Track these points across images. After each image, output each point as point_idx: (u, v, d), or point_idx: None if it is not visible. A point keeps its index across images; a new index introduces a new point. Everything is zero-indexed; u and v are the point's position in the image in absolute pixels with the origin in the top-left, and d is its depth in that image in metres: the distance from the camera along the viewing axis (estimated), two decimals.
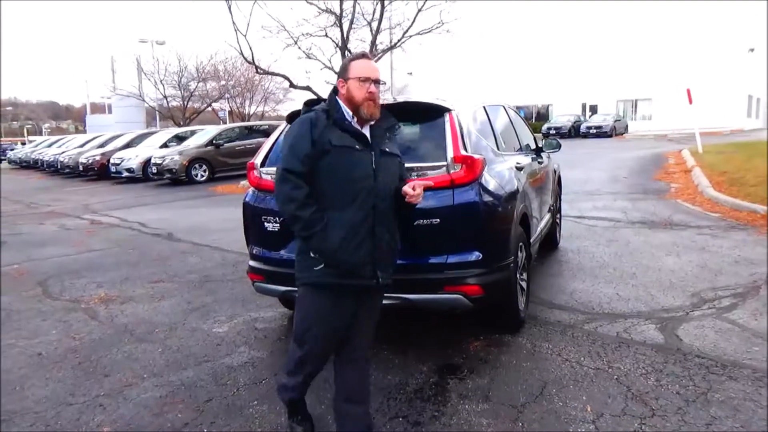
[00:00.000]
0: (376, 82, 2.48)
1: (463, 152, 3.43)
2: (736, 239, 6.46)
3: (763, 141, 20.56)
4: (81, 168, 20.65)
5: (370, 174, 2.43)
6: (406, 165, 3.37)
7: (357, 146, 2.43)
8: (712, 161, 13.58)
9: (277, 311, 4.63)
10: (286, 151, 2.43)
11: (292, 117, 4.00)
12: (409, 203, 2.48)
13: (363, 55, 2.60)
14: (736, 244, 6.21)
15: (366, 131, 2.51)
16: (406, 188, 2.46)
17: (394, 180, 2.56)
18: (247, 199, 3.96)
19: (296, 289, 3.09)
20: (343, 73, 2.53)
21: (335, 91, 2.55)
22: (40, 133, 66.65)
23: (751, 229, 6.93)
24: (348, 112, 2.48)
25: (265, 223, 3.73)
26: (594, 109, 42.62)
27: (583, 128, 34.92)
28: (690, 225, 7.37)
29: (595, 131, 33.94)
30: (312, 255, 2.41)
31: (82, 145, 23.82)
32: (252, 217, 3.89)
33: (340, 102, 2.50)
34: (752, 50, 38.81)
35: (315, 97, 2.84)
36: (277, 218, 3.64)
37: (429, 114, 3.66)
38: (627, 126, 38.14)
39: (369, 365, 2.78)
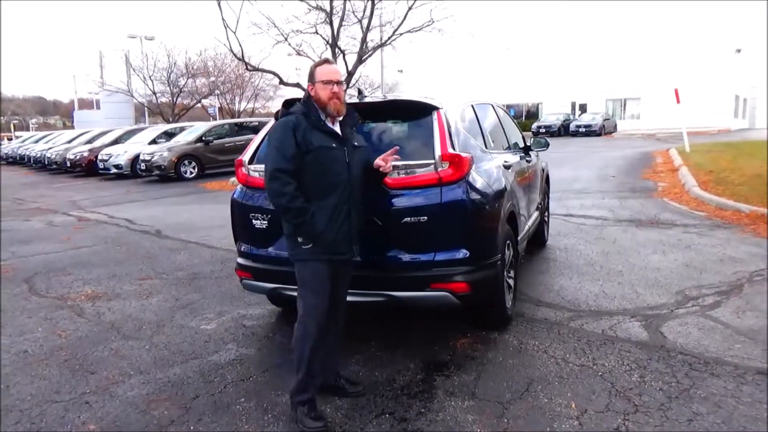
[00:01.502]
0: (338, 83, 2.90)
1: (450, 150, 3.45)
2: (721, 238, 6.54)
3: (749, 141, 20.79)
4: (68, 164, 20.46)
5: (345, 167, 2.88)
6: (395, 163, 3.42)
7: (333, 144, 2.86)
8: (699, 160, 13.73)
9: (266, 308, 4.63)
10: (274, 152, 2.80)
11: (288, 104, 3.99)
12: (383, 173, 3.10)
13: (326, 61, 3.03)
14: (720, 243, 6.29)
15: (337, 127, 2.93)
16: (378, 161, 3.06)
17: (362, 168, 3.02)
18: (235, 196, 3.96)
19: (285, 286, 3.28)
20: (311, 79, 2.92)
21: (309, 95, 2.92)
22: (27, 129, 66.02)
23: (735, 228, 7.01)
24: (322, 113, 2.88)
25: (254, 221, 3.73)
26: (583, 108, 42.86)
27: (572, 127, 35.13)
28: (676, 223, 7.44)
29: (584, 130, 34.16)
30: (300, 239, 2.83)
31: (70, 141, 23.61)
32: (240, 214, 3.88)
33: (316, 105, 2.89)
34: (739, 51, 39.22)
35: (294, 97, 3.11)
36: (266, 215, 3.64)
37: (417, 112, 3.67)
38: (616, 125, 38.42)
39: (344, 326, 3.20)
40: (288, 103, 3.09)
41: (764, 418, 2.77)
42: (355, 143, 3.01)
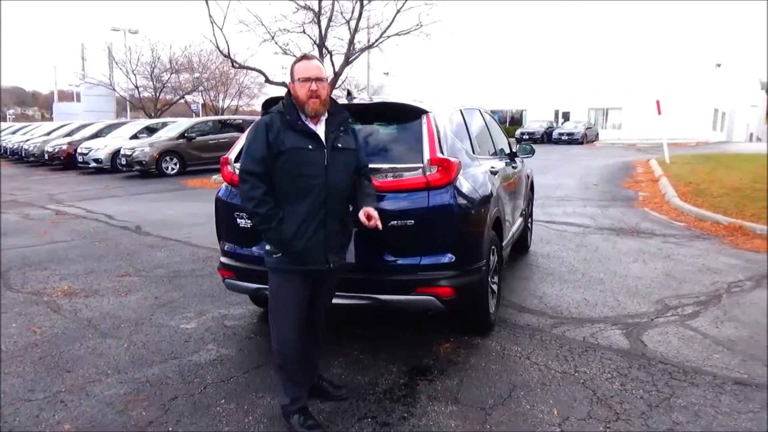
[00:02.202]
0: (318, 80, 2.68)
1: (439, 155, 3.44)
2: (700, 248, 6.64)
3: (727, 153, 21.19)
4: (46, 157, 20.07)
5: (322, 171, 2.67)
6: (382, 165, 3.41)
7: (310, 146, 2.66)
8: (679, 172, 13.94)
9: (247, 308, 4.58)
10: (244, 153, 2.70)
11: (267, 105, 3.96)
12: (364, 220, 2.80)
13: (304, 57, 2.80)
14: (699, 253, 6.38)
15: (321, 127, 2.73)
16: (363, 219, 2.76)
17: (347, 173, 2.81)
18: (219, 194, 3.90)
19: (267, 286, 3.21)
20: (291, 77, 2.75)
21: (289, 94, 2.76)
22: (5, 120, 64.63)
23: (714, 239, 7.12)
24: (302, 113, 2.70)
25: (238, 219, 3.68)
26: (566, 116, 43.33)
27: (555, 134, 35.47)
28: (656, 233, 7.54)
29: (566, 138, 34.50)
30: (268, 248, 2.72)
31: (49, 134, 23.16)
32: (224, 212, 3.83)
33: (295, 104, 2.71)
34: (719, 65, 39.96)
35: (274, 96, 3.00)
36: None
37: (406, 115, 3.66)
38: (598, 134, 38.89)
39: (328, 326, 3.12)
40: (267, 103, 2.96)
41: (743, 429, 2.81)
42: (339, 144, 2.75)
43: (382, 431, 2.81)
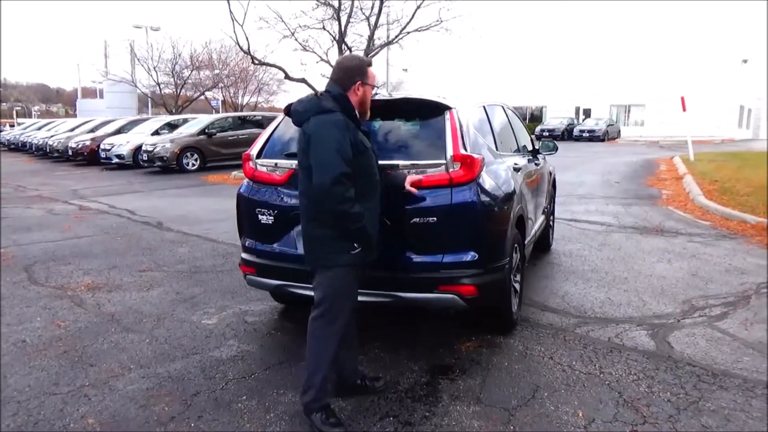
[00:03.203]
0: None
1: (462, 151, 3.39)
2: (727, 248, 6.49)
3: (754, 151, 20.75)
4: (70, 152, 20.38)
5: (377, 168, 2.86)
6: (405, 162, 3.38)
7: (369, 146, 2.82)
8: (704, 169, 13.68)
9: (268, 305, 4.58)
10: (334, 154, 2.56)
11: (290, 108, 3.95)
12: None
13: (371, 63, 2.93)
14: (726, 253, 6.24)
15: None
16: (411, 188, 3.15)
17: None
18: (241, 191, 3.90)
19: (289, 283, 3.23)
20: (362, 76, 2.78)
21: (344, 91, 2.76)
22: (30, 116, 65.87)
23: (741, 239, 6.96)
24: (357, 114, 2.79)
25: (259, 216, 3.67)
26: (587, 113, 42.82)
27: (575, 131, 35.07)
28: (681, 232, 7.39)
29: (587, 135, 34.10)
30: (355, 244, 2.70)
31: (72, 130, 23.54)
32: (246, 208, 3.83)
33: (352, 105, 2.77)
34: (745, 61, 39.16)
35: (326, 90, 2.90)
36: (272, 211, 3.59)
37: (429, 111, 3.62)
38: (619, 131, 38.36)
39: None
40: (319, 96, 2.81)
41: None
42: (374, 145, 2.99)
43: (404, 430, 2.78)
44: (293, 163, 3.53)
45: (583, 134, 34.29)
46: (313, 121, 2.66)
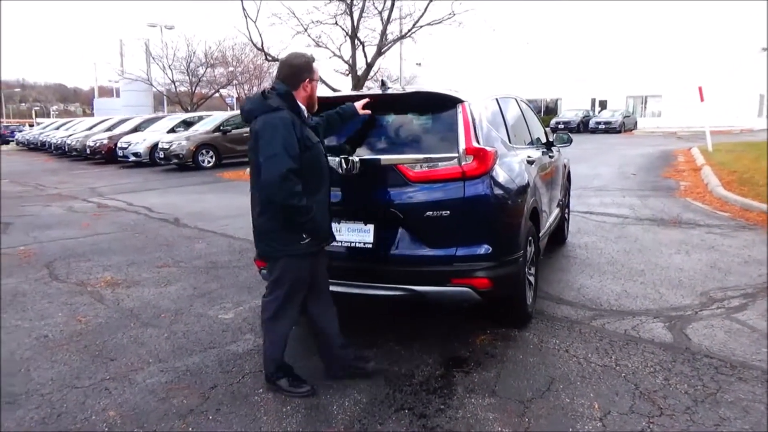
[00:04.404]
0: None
1: (475, 144, 3.39)
2: (746, 239, 6.40)
3: None
4: (88, 151, 20.67)
5: (325, 161, 3.01)
6: (417, 156, 3.39)
7: (317, 140, 2.95)
8: (722, 160, 13.47)
9: None
10: (282, 151, 2.69)
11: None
12: None
13: (314, 59, 3.04)
14: (745, 244, 6.16)
15: None
16: (363, 110, 3.46)
17: None
18: None
19: None
20: (309, 73, 2.93)
21: (291, 89, 2.87)
22: (48, 116, 66.85)
23: (760, 230, 6.86)
24: (304, 109, 2.92)
25: None
26: (603, 105, 42.34)
27: (591, 123, 34.73)
28: (699, 223, 7.31)
29: (603, 127, 33.76)
30: (303, 235, 2.85)
31: (90, 128, 23.85)
32: None
33: (299, 102, 2.90)
34: (765, 49, 38.38)
35: (272, 87, 2.99)
36: None
37: (441, 104, 3.61)
38: (636, 122, 37.91)
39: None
40: (265, 95, 2.88)
41: None
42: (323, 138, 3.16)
43: (419, 423, 2.79)
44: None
45: (599, 126, 33.95)
46: (261, 119, 2.78)
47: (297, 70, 2.91)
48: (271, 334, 3.07)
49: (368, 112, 3.50)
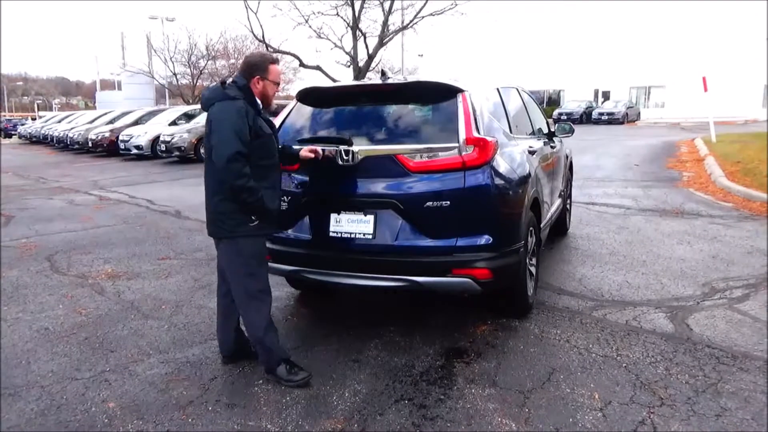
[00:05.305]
0: (279, 84, 3.23)
1: (475, 134, 3.36)
2: (749, 230, 6.37)
3: None
4: (90, 144, 20.65)
5: (277, 152, 3.16)
6: (417, 146, 3.37)
7: (271, 132, 3.11)
8: (726, 151, 13.40)
9: (284, 291, 4.61)
10: (232, 135, 2.86)
11: (301, 95, 3.96)
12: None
13: (277, 61, 3.23)
14: (748, 235, 6.13)
15: None
16: (309, 153, 3.41)
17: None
18: None
19: (304, 269, 3.28)
20: (261, 72, 3.06)
21: (247, 83, 3.04)
22: (51, 109, 66.83)
23: (763, 220, 6.82)
24: (259, 103, 3.08)
25: None
26: (606, 96, 42.14)
27: (594, 114, 34.59)
28: (702, 214, 7.27)
29: (607, 118, 33.63)
30: (252, 217, 3.00)
31: (92, 122, 23.82)
32: None
33: (254, 96, 3.05)
34: None
35: (233, 80, 3.10)
36: (285, 197, 3.60)
37: (441, 94, 3.58)
38: (639, 113, 37.72)
39: None
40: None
41: None
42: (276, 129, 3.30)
43: (419, 413, 2.79)
44: (306, 148, 3.56)
45: (602, 117, 33.83)
46: (216, 106, 2.96)
47: (249, 67, 3.08)
48: (249, 326, 3.14)
49: (311, 155, 3.40)
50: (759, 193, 8.07)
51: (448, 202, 3.29)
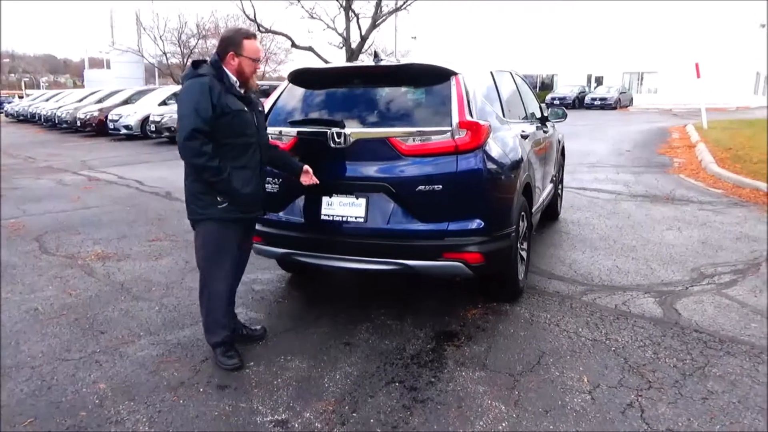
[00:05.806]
0: (258, 60, 3.07)
1: (468, 118, 3.34)
2: (738, 216, 6.42)
3: None
4: (79, 123, 20.36)
5: (255, 130, 3.03)
6: (410, 129, 3.34)
7: (245, 108, 2.96)
8: (717, 137, 13.47)
9: (275, 273, 4.61)
10: (191, 112, 2.79)
11: (293, 76, 3.91)
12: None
13: (254, 36, 3.09)
14: (737, 221, 6.18)
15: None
16: (307, 179, 3.33)
17: (266, 134, 3.24)
18: None
19: (296, 251, 3.27)
20: (234, 47, 2.95)
21: (220, 60, 2.96)
22: (38, 87, 65.80)
23: (753, 207, 6.89)
24: (234, 79, 2.97)
25: (265, 185, 3.65)
26: (599, 81, 42.08)
27: (587, 99, 34.58)
28: (692, 200, 7.32)
29: (599, 103, 33.65)
30: (219, 198, 2.92)
31: (80, 100, 23.48)
32: None
33: (227, 71, 2.95)
34: (763, 26, 38.10)
35: (205, 59, 3.08)
36: (277, 180, 3.58)
37: (434, 77, 3.56)
38: (632, 99, 37.75)
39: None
40: (196, 64, 3.03)
41: None
42: (260, 108, 3.16)
43: (410, 395, 2.81)
44: (297, 130, 3.53)
45: (595, 102, 33.84)
46: (185, 84, 2.92)
47: (223, 42, 2.99)
48: (203, 306, 3.16)
49: (311, 182, 3.35)
50: (749, 179, 8.13)
51: (440, 186, 3.29)
